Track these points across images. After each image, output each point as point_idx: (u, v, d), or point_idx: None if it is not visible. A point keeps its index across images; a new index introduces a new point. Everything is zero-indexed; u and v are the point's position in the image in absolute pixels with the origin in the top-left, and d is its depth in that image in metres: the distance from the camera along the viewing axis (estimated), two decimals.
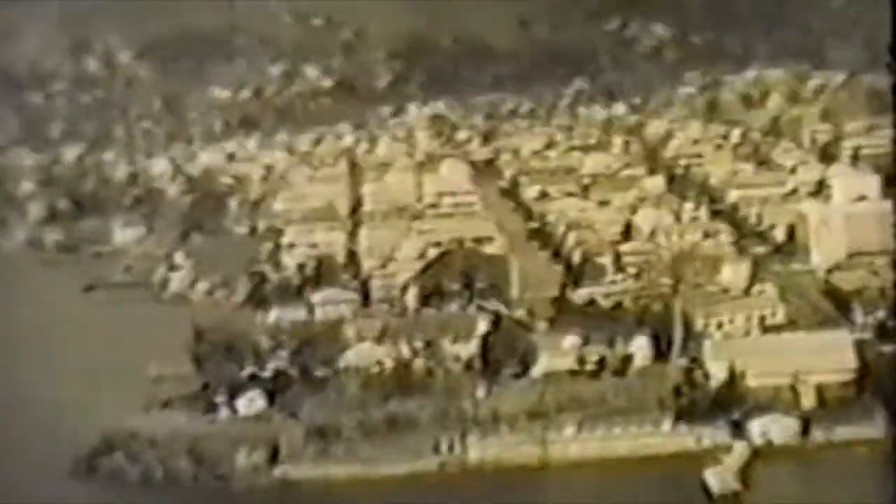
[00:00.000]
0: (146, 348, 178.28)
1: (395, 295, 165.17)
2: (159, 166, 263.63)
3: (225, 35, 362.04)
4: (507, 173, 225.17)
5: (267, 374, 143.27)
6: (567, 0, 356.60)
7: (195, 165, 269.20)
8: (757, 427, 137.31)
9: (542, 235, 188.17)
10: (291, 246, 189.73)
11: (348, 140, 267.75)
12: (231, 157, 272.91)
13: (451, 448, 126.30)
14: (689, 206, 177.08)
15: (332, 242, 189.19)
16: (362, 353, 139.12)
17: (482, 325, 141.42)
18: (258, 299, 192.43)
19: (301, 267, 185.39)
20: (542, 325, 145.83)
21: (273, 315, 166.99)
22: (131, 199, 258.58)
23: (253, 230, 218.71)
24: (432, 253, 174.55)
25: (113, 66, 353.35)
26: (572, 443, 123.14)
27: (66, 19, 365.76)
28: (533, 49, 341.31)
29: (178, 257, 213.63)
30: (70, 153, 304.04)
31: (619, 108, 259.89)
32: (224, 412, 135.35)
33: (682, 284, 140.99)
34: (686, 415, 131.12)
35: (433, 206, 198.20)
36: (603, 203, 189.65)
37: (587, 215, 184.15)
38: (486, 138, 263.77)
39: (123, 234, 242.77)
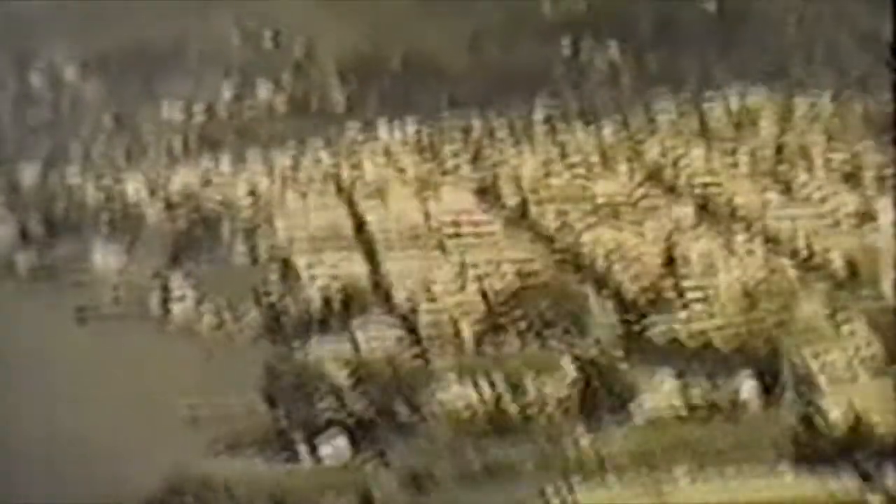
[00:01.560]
0: (167, 383, 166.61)
1: (446, 330, 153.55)
2: (134, 188, 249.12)
3: (173, 50, 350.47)
4: (510, 198, 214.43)
5: (349, 415, 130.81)
6: (517, 20, 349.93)
7: (170, 186, 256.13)
8: (893, 476, 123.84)
9: (573, 266, 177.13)
10: (312, 275, 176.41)
11: (326, 161, 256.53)
12: (206, 177, 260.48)
13: (559, 497, 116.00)
14: (740, 237, 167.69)
15: (355, 271, 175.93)
16: (453, 394, 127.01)
17: (568, 364, 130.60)
18: (274, 332, 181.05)
19: (326, 297, 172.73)
20: (622, 364, 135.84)
21: (314, 350, 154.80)
22: (108, 223, 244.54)
23: (254, 257, 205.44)
24: (472, 283, 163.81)
25: (58, 81, 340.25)
26: (687, 490, 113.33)
27: (5, 33, 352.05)
28: (485, 69, 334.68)
29: (177, 286, 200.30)
30: (27, 172, 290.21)
31: (606, 131, 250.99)
32: (305, 457, 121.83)
33: (787, 320, 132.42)
34: (805, 460, 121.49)
35: (455, 234, 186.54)
36: (637, 233, 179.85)
37: (624, 244, 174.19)
38: (475, 161, 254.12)
39: (104, 259, 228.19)
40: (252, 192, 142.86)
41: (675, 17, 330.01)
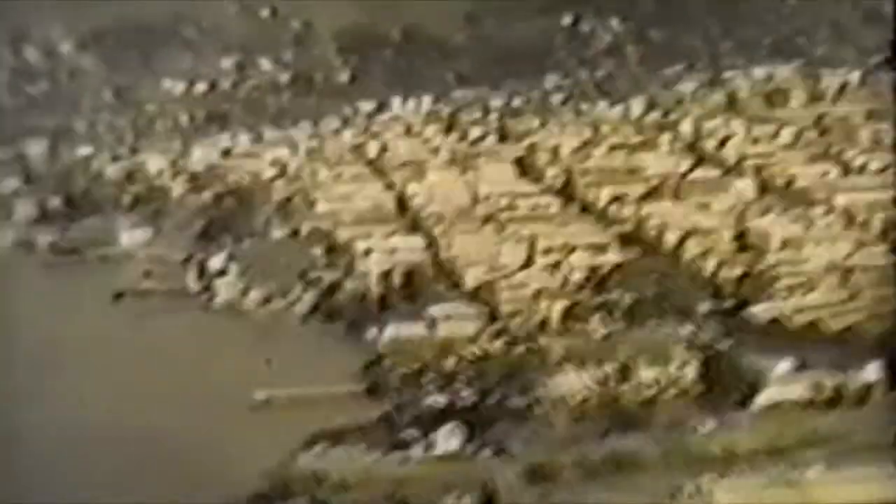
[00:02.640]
0: (229, 368, 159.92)
1: (529, 312, 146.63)
2: (156, 163, 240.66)
3: (170, 25, 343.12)
4: (553, 174, 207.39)
5: (463, 403, 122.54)
6: None
7: (190, 162, 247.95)
8: None
9: (638, 243, 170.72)
10: (368, 252, 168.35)
11: (347, 136, 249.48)
12: (227, 152, 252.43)
13: (692, 491, 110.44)
14: (817, 212, 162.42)
15: (412, 249, 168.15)
16: (569, 381, 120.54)
17: (682, 350, 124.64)
18: (327, 311, 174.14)
19: (386, 276, 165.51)
20: (737, 351, 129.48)
21: (390, 331, 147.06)
22: (131, 198, 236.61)
23: (295, 233, 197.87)
24: (542, 261, 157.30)
25: (54, 56, 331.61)
26: (827, 484, 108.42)
27: (0, 10, 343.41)
28: (485, 44, 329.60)
29: (215, 262, 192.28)
30: (34, 148, 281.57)
31: (635, 109, 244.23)
32: (418, 449, 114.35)
33: (888, 298, 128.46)
34: None
35: (509, 208, 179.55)
36: (702, 207, 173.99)
37: (694, 223, 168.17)
38: (503, 136, 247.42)
39: (130, 235, 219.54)
40: (280, 169, 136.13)
41: None
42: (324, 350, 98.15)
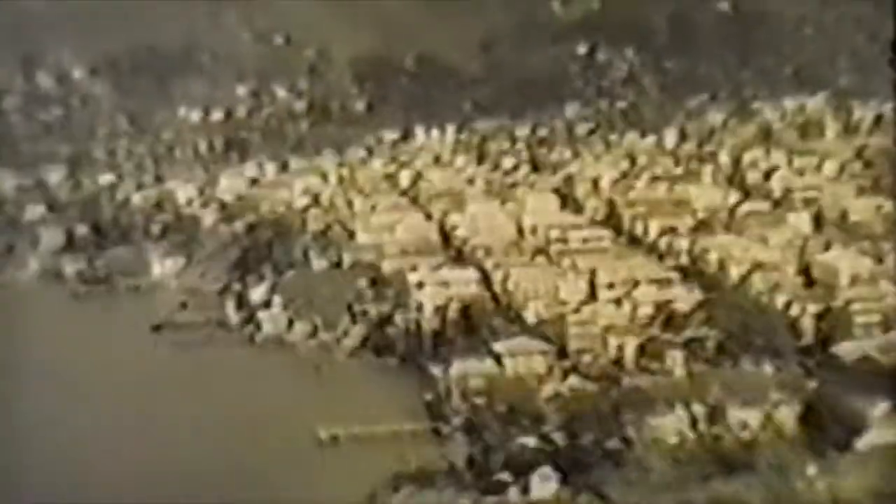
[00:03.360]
0: (285, 403, 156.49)
1: (595, 347, 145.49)
2: (184, 192, 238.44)
3: (183, 52, 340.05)
4: (594, 205, 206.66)
5: (553, 445, 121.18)
6: (528, 23, 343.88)
7: (220, 191, 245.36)
8: None
9: (699, 277, 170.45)
10: (420, 285, 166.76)
11: (376, 165, 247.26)
12: (254, 181, 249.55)
13: None
14: (885, 247, 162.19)
15: (467, 281, 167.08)
16: (662, 423, 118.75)
17: (776, 390, 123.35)
18: (378, 345, 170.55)
19: (441, 309, 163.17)
20: (831, 391, 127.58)
21: (458, 367, 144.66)
22: (160, 227, 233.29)
23: (336, 264, 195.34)
24: (605, 296, 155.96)
25: (67, 82, 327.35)
26: None
27: (12, 34, 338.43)
28: (500, 73, 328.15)
29: (257, 294, 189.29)
30: (53, 174, 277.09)
31: (670, 137, 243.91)
32: (513, 493, 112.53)
33: None
34: None
35: (560, 241, 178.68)
36: (760, 241, 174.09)
37: (753, 256, 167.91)
38: (535, 166, 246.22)
39: (162, 265, 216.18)
40: (312, 198, 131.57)
41: (690, 19, 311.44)
42: (379, 385, 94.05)
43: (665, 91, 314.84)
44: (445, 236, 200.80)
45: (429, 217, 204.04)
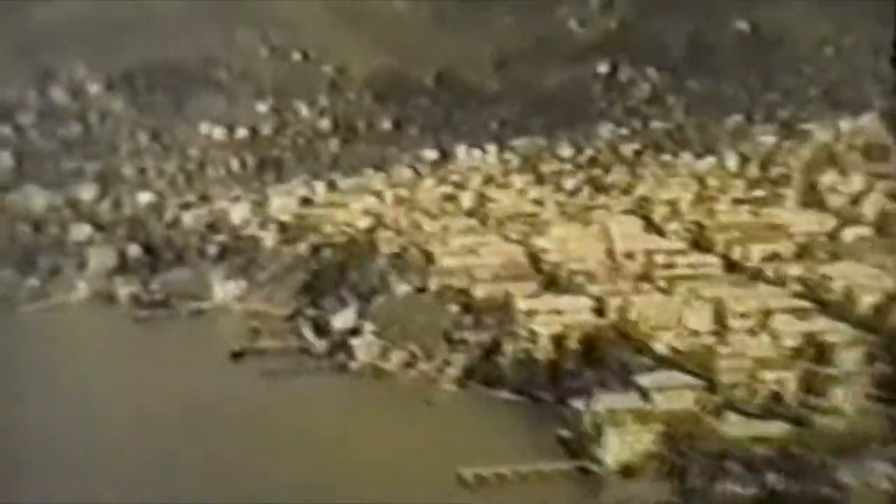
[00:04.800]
0: (406, 435, 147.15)
1: (747, 380, 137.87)
2: (239, 212, 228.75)
3: (199, 68, 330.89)
4: (675, 227, 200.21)
5: (754, 490, 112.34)
6: (542, 42, 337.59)
7: (273, 211, 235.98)
8: None
9: (829, 306, 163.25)
10: (531, 313, 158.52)
11: (429, 184, 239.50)
12: (306, 201, 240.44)
13: None
14: None
15: (580, 309, 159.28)
16: (873, 469, 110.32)
17: None
18: (487, 376, 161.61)
19: (557, 339, 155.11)
20: None
21: (605, 402, 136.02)
22: (218, 249, 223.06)
23: (421, 289, 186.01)
24: (738, 325, 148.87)
25: (83, 97, 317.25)
26: None
27: (24, 49, 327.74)
28: (521, 91, 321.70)
29: (341, 320, 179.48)
30: (84, 193, 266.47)
31: (731, 159, 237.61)
32: None
33: None
34: None
35: (667, 266, 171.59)
36: (880, 269, 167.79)
37: (882, 285, 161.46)
38: (596, 188, 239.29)
39: (223, 288, 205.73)
40: (375, 219, 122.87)
41: (709, 39, 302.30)
42: (502, 419, 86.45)
43: (691, 111, 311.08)
44: (534, 260, 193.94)
45: (509, 240, 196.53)
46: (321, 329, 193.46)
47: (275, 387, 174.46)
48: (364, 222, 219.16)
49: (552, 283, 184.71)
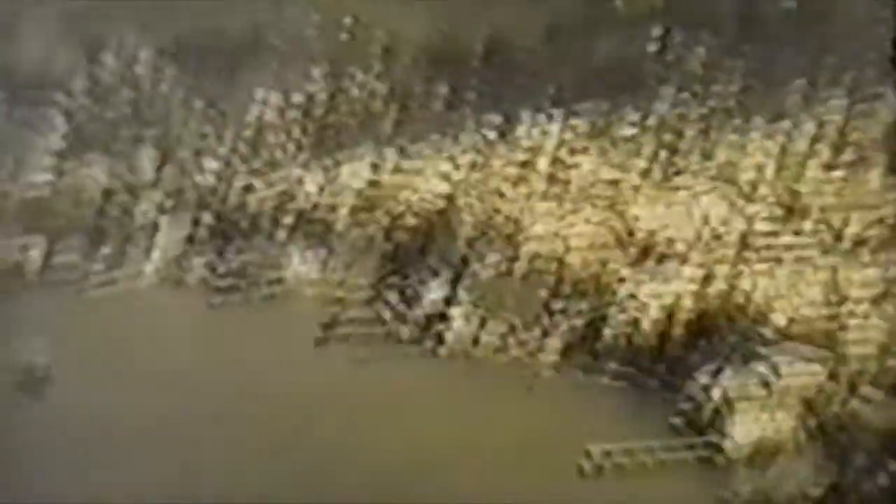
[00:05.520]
0: (510, 422, 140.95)
1: (877, 352, 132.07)
2: (310, 182, 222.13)
3: (251, 34, 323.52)
4: (763, 195, 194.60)
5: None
6: (593, 10, 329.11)
7: (343, 181, 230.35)
8: None
9: None
10: (632, 296, 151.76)
11: (501, 150, 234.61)
12: (375, 168, 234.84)
13: None
14: None
15: (685, 281, 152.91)
16: None
17: None
18: (584, 357, 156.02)
19: (665, 314, 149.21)
20: None
21: (727, 381, 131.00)
22: (289, 224, 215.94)
23: (511, 263, 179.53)
24: (861, 295, 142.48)
25: (133, 65, 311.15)
26: None
27: (70, 16, 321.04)
28: (573, 55, 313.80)
29: (430, 293, 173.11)
30: (145, 161, 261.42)
31: (807, 123, 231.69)
32: None
33: None
34: None
35: (769, 234, 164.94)
36: None
37: None
38: (674, 152, 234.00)
39: (297, 268, 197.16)
40: (453, 187, 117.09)
41: (756, 15, 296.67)
42: (606, 403, 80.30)
43: (750, 75, 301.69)
44: (626, 229, 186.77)
45: (597, 207, 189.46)
46: (409, 302, 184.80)
47: (364, 369, 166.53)
48: (442, 189, 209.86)
49: (647, 253, 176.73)
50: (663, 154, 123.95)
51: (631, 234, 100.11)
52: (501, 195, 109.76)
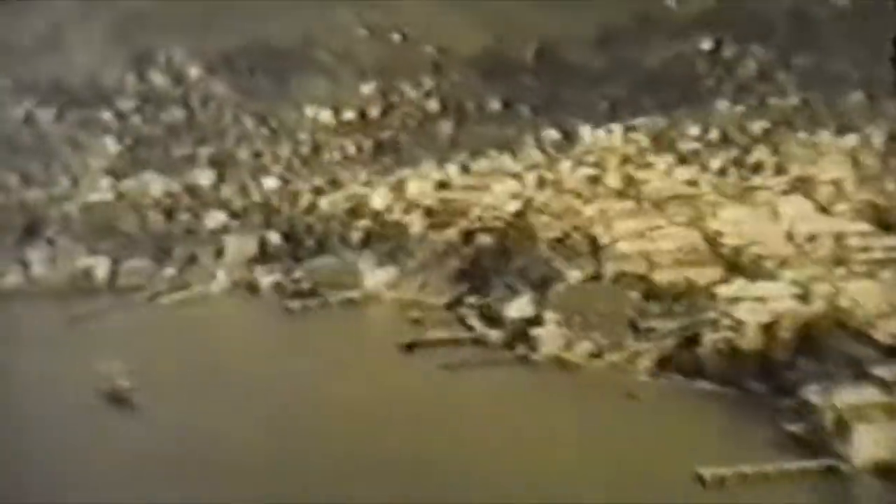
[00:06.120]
0: (619, 430, 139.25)
1: None
2: (381, 196, 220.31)
3: (299, 50, 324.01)
4: (844, 208, 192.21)
5: None
6: (641, 19, 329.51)
7: (412, 195, 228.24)
8: None
9: None
10: (735, 300, 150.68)
11: (566, 166, 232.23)
12: (442, 185, 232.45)
13: None
14: None
15: (783, 296, 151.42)
16: None
17: None
18: (683, 366, 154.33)
19: (766, 328, 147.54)
20: None
21: (845, 396, 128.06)
22: (362, 235, 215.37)
23: (596, 275, 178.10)
24: None
25: (183, 81, 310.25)
26: None
27: (121, 32, 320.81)
28: (625, 69, 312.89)
29: (514, 309, 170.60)
30: (202, 178, 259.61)
31: (877, 136, 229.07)
32: None
33: None
34: None
35: (863, 249, 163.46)
36: None
37: None
38: (742, 167, 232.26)
39: (374, 276, 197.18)
40: (523, 202, 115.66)
41: (809, 14, 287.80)
42: (714, 413, 77.77)
43: (805, 88, 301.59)
44: (711, 244, 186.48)
45: (678, 223, 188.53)
46: (491, 318, 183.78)
47: (455, 380, 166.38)
48: (512, 206, 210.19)
49: (736, 267, 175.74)
50: (733, 169, 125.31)
51: (717, 248, 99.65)
52: (576, 212, 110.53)
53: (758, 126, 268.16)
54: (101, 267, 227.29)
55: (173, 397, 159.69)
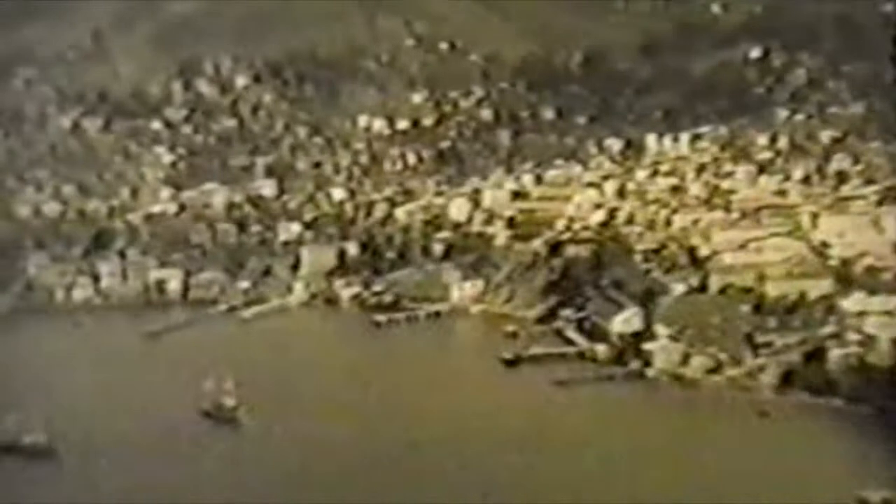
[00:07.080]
0: (760, 453, 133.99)
1: None
2: (460, 207, 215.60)
3: (347, 59, 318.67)
4: None
5: None
6: (686, 27, 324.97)
7: (489, 205, 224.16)
8: None
9: None
10: (861, 314, 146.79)
11: (641, 175, 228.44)
12: (515, 194, 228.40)
13: None
14: None
15: None
16: None
17: None
18: (810, 382, 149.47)
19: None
20: None
21: None
22: (444, 246, 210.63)
23: (701, 288, 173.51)
24: None
25: (231, 91, 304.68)
26: None
27: (166, 42, 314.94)
28: (673, 77, 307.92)
29: (621, 324, 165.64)
30: (265, 189, 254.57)
31: None
32: None
33: None
34: None
35: None
36: None
37: None
38: (822, 175, 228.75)
39: (460, 288, 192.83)
40: (608, 213, 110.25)
41: (856, 21, 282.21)
42: (849, 432, 71.95)
43: (857, 96, 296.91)
44: (819, 255, 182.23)
45: (779, 234, 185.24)
46: (592, 332, 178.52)
47: (569, 396, 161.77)
48: (597, 216, 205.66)
49: (846, 279, 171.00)
50: (817, 178, 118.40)
51: (825, 260, 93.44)
52: (667, 222, 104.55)
53: (825, 135, 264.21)
54: (174, 280, 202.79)
55: (278, 414, 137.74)
